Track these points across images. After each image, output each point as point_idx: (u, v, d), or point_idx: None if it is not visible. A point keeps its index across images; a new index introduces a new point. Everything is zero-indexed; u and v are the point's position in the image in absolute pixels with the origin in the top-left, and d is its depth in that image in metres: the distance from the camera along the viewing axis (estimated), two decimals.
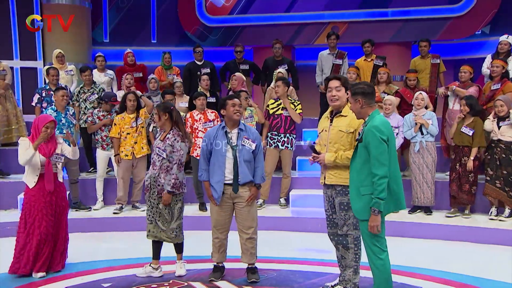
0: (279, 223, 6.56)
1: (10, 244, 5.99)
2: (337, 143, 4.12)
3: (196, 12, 10.98)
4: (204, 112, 6.83)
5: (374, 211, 3.65)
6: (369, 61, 8.02)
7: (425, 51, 7.84)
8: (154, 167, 4.75)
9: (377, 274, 3.80)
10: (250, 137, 4.59)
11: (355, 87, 3.85)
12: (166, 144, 4.70)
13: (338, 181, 4.11)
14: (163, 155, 4.69)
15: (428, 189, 6.61)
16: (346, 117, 4.15)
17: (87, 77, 7.61)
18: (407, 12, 10.11)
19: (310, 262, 5.33)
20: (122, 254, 5.44)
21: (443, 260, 5.41)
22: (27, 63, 9.99)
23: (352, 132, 4.10)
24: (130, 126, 6.72)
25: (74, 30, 10.01)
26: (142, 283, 4.68)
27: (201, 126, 6.75)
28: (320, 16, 10.58)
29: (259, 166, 4.63)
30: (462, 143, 6.39)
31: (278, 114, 6.87)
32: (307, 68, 10.13)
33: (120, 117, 6.77)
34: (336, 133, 4.13)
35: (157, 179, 4.71)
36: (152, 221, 4.77)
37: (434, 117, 6.69)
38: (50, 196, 4.84)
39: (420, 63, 7.87)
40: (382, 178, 3.61)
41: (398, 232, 5.98)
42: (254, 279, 4.67)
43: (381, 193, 3.61)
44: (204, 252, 5.22)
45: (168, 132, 4.78)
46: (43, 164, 4.82)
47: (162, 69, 8.38)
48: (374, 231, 3.68)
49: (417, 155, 6.61)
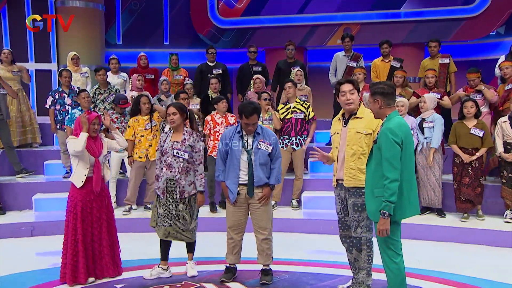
0: (291, 225, 6.55)
1: (26, 244, 6.17)
2: (355, 144, 4.11)
3: (208, 14, 11.03)
4: (225, 115, 6.85)
5: (384, 214, 3.59)
6: (386, 62, 7.97)
7: (434, 51, 7.76)
8: (171, 169, 4.67)
9: (391, 278, 3.76)
10: (267, 140, 4.57)
11: (375, 87, 3.79)
12: (186, 145, 4.68)
13: (356, 183, 4.10)
14: (184, 156, 4.65)
15: (431, 190, 6.55)
16: (362, 119, 4.14)
17: (101, 77, 7.64)
18: (420, 13, 10.05)
19: (322, 264, 5.30)
20: (134, 255, 5.45)
21: (457, 262, 5.35)
22: (41, 65, 10.10)
23: (370, 134, 4.09)
24: (144, 128, 6.74)
25: (88, 32, 10.15)
26: (154, 284, 4.68)
27: (222, 130, 6.73)
28: (332, 17, 10.57)
29: (276, 167, 4.62)
30: (472, 145, 6.32)
31: (288, 118, 6.88)
32: (319, 70, 10.13)
33: (134, 119, 6.79)
34: (353, 135, 4.12)
35: (178, 181, 4.68)
36: (171, 223, 4.71)
37: (438, 120, 6.53)
38: (95, 199, 4.69)
39: (429, 64, 7.78)
40: (393, 181, 3.56)
41: (410, 235, 5.92)
42: (265, 281, 4.66)
43: (391, 197, 3.56)
44: (215, 253, 5.23)
45: (181, 133, 4.75)
46: (92, 164, 4.66)
47: (169, 70, 8.43)
48: (382, 234, 3.64)
49: (421, 156, 6.56)
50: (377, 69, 7.97)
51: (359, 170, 4.08)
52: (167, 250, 4.88)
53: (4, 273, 5.01)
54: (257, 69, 8.34)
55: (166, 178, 4.69)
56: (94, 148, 4.70)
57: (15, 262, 5.41)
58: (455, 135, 6.42)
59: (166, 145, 4.72)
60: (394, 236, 3.71)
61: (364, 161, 4.04)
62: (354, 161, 4.11)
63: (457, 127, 6.45)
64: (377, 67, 7.99)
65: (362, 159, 4.08)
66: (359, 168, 4.08)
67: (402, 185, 3.62)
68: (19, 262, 5.38)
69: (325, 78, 8.58)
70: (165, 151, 4.71)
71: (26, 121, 8.12)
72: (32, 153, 8.07)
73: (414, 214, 3.78)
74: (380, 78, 7.80)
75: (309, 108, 6.92)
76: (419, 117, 6.67)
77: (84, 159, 4.63)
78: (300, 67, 8.20)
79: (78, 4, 10.23)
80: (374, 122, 4.07)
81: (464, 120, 6.40)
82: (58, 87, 7.84)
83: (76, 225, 4.61)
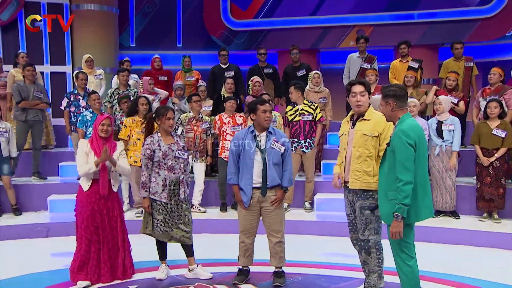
0: (304, 227, 6.53)
1: (41, 244, 6.22)
2: (361, 147, 4.08)
3: (221, 16, 11.06)
4: (233, 115, 6.88)
5: (397, 217, 3.56)
6: (405, 62, 7.90)
7: (460, 53, 7.69)
8: (174, 171, 4.69)
9: (405, 281, 3.73)
10: (279, 140, 4.57)
11: (387, 90, 3.76)
12: (181, 146, 4.76)
13: (362, 185, 4.06)
14: (184, 157, 4.72)
15: (447, 194, 6.50)
16: (370, 121, 4.10)
17: (123, 78, 7.65)
18: (434, 14, 9.96)
19: (336, 266, 5.27)
20: (147, 256, 5.46)
21: (472, 266, 5.30)
22: (57, 68, 10.21)
23: (377, 136, 4.05)
24: (141, 131, 6.44)
25: (102, 35, 10.23)
26: (168, 285, 4.69)
27: (229, 129, 6.81)
28: (345, 19, 10.52)
29: (287, 169, 4.60)
30: (493, 146, 6.26)
31: (296, 120, 6.82)
32: (332, 72, 10.09)
33: (131, 119, 6.59)
34: (360, 137, 4.09)
35: (181, 182, 4.72)
36: (172, 227, 4.71)
37: (457, 123, 6.52)
38: (102, 202, 4.66)
39: (453, 66, 7.70)
40: (407, 184, 3.53)
41: (424, 237, 5.87)
42: (278, 283, 4.65)
43: (405, 199, 3.53)
44: (228, 255, 5.22)
45: (171, 136, 4.77)
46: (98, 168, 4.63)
47: (182, 72, 8.46)
48: (395, 237, 3.61)
49: (437, 159, 6.50)
50: (395, 70, 7.91)
51: (365, 172, 4.03)
52: (164, 250, 4.91)
53: (19, 273, 5.06)
54: (268, 71, 8.33)
55: (170, 181, 4.68)
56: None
57: (31, 262, 5.46)
58: (478, 135, 6.37)
59: (163, 148, 4.67)
60: (408, 238, 3.68)
61: (370, 163, 4.02)
62: (360, 163, 4.06)
63: (480, 127, 6.40)
64: (395, 68, 7.92)
65: (368, 161, 4.04)
66: (365, 170, 4.03)
67: (416, 187, 3.59)
68: (34, 263, 5.43)
69: (338, 80, 8.55)
70: (165, 154, 4.66)
71: None
72: (47, 155, 8.15)
73: (428, 216, 3.74)
74: (398, 79, 7.73)
75: (317, 109, 6.85)
76: (435, 118, 6.62)
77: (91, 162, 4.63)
78: (306, 69, 8.19)
79: (92, 7, 10.32)
80: (381, 125, 4.03)
81: (488, 120, 6.35)
82: (73, 89, 7.91)
83: (83, 226, 4.63)
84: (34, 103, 7.44)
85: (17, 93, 7.36)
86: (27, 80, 7.47)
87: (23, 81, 7.51)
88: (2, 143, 6.72)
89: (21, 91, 7.38)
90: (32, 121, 7.45)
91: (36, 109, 7.48)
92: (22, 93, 7.37)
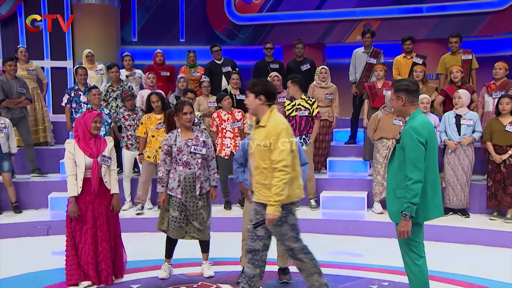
0: (310, 226, 6.40)
1: (42, 243, 6.20)
2: (257, 157, 3.66)
3: (225, 10, 10.96)
4: (232, 112, 6.82)
5: (406, 216, 3.48)
6: (409, 58, 7.75)
7: (455, 47, 7.50)
8: (189, 167, 4.65)
9: (413, 281, 3.65)
10: None
11: (399, 84, 3.66)
12: (200, 141, 4.69)
13: (260, 198, 3.69)
14: (202, 152, 4.66)
15: (461, 192, 6.39)
16: (265, 128, 3.64)
17: (114, 74, 7.61)
18: (443, 7, 9.82)
19: (341, 265, 5.21)
20: (150, 255, 5.42)
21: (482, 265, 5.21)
22: (57, 63, 10.13)
23: (268, 146, 3.58)
24: (155, 128, 6.58)
25: (103, 29, 10.15)
26: (171, 284, 4.65)
27: (229, 126, 6.77)
28: (351, 13, 10.39)
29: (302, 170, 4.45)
30: (506, 143, 6.14)
31: (292, 116, 6.65)
32: (339, 67, 9.96)
33: (147, 116, 6.65)
34: (256, 147, 3.66)
35: (198, 178, 4.66)
36: (187, 223, 4.69)
37: (476, 117, 6.45)
38: (92, 203, 4.55)
39: (450, 60, 7.54)
40: (416, 182, 3.44)
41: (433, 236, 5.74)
42: (286, 280, 4.66)
43: (414, 198, 3.44)
44: (232, 254, 5.16)
45: (191, 131, 4.73)
46: (88, 167, 4.49)
47: (187, 67, 8.35)
48: (404, 236, 3.53)
49: (453, 156, 6.38)
50: (399, 66, 7.76)
51: (263, 185, 3.65)
52: (173, 248, 4.86)
53: (20, 272, 5.03)
54: (274, 66, 8.21)
55: (185, 176, 4.63)
56: (93, 148, 4.54)
57: (31, 261, 5.44)
58: (490, 132, 6.23)
59: (179, 144, 4.66)
60: (417, 237, 3.62)
61: (267, 176, 3.61)
62: (258, 175, 3.68)
63: (492, 124, 6.27)
64: (399, 64, 7.78)
65: (265, 173, 3.63)
66: (263, 183, 3.65)
67: (426, 186, 3.52)
68: (35, 261, 5.41)
69: (344, 75, 8.43)
70: (180, 149, 4.64)
71: (39, 119, 8.13)
72: (47, 152, 8.09)
73: (438, 216, 3.66)
74: (402, 75, 7.61)
75: (314, 104, 6.68)
76: (452, 112, 6.47)
77: (80, 163, 4.49)
78: (310, 63, 8.08)
79: (93, 1, 10.24)
80: (274, 132, 3.58)
81: (500, 116, 6.22)
82: (74, 85, 7.85)
83: (73, 227, 4.57)
84: (16, 101, 7.29)
85: (0, 90, 7.17)
86: (8, 75, 7.28)
87: (5, 77, 7.30)
88: (1, 139, 6.65)
89: (4, 86, 7.21)
90: (18, 118, 7.31)
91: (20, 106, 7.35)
92: (5, 89, 7.19)
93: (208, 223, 4.78)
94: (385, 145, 6.47)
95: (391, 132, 6.39)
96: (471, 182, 6.53)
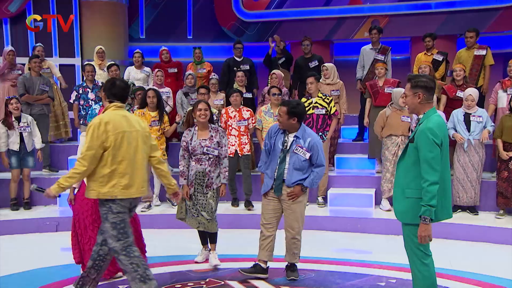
0: (317, 223, 6.42)
1: (51, 239, 6.23)
2: None
3: (232, 7, 10.92)
4: (240, 109, 6.74)
5: (425, 220, 3.36)
6: (429, 55, 7.70)
7: (471, 42, 7.42)
8: (200, 163, 4.88)
9: (421, 280, 3.58)
10: (305, 146, 4.48)
11: (418, 80, 3.51)
12: (214, 142, 4.88)
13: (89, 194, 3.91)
14: (214, 153, 4.88)
15: (471, 189, 6.37)
16: None
17: (113, 73, 7.56)
18: (452, 3, 9.73)
19: (349, 263, 5.20)
20: (159, 251, 5.44)
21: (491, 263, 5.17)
22: (65, 60, 10.17)
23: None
24: (149, 125, 6.45)
25: (111, 27, 10.17)
26: (179, 281, 4.66)
27: (235, 124, 6.66)
28: (359, 9, 10.34)
29: (316, 172, 4.51)
30: None
31: (309, 113, 6.63)
32: (346, 64, 9.90)
33: (140, 112, 6.54)
34: None
35: (208, 174, 4.87)
36: (198, 214, 4.89)
37: (485, 113, 6.41)
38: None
39: (464, 55, 7.48)
40: (433, 184, 3.34)
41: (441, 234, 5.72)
42: (293, 277, 4.65)
43: (432, 200, 3.34)
44: (239, 250, 5.19)
45: (207, 130, 4.92)
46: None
47: (193, 64, 8.34)
48: (424, 241, 3.43)
49: (463, 153, 6.34)
50: (420, 63, 7.69)
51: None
52: (205, 236, 5.09)
53: (29, 268, 5.06)
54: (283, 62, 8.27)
55: (196, 171, 4.88)
56: None
57: (40, 257, 5.46)
58: (501, 129, 6.18)
59: (194, 143, 4.88)
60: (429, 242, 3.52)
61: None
62: None
63: (503, 120, 6.23)
64: (419, 61, 7.69)
65: None
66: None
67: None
68: (44, 257, 5.43)
69: (352, 72, 8.39)
70: (194, 149, 4.87)
71: (59, 115, 8.19)
72: (56, 148, 8.13)
73: (446, 218, 3.59)
74: None
75: (331, 103, 6.68)
76: (461, 110, 6.43)
77: None
78: (319, 60, 8.06)
79: None
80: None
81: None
82: (82, 82, 7.86)
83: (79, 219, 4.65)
84: (36, 98, 7.37)
85: (22, 85, 7.31)
86: (33, 72, 7.44)
87: (29, 73, 7.46)
88: (25, 138, 6.79)
89: (26, 83, 7.33)
90: (37, 114, 7.37)
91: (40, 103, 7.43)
92: (26, 85, 7.31)
93: (215, 215, 4.94)
94: (394, 142, 6.44)
95: (400, 129, 6.37)
96: (482, 180, 6.49)
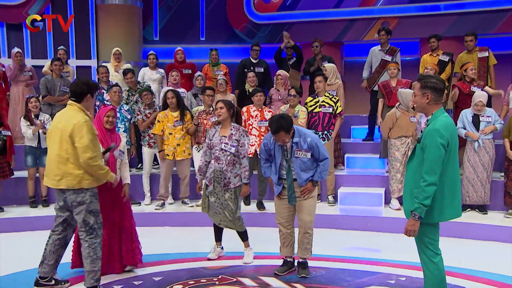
0: (327, 221, 6.48)
1: None
2: None
3: (244, 9, 11.03)
4: (262, 109, 6.73)
5: (415, 216, 3.44)
6: (435, 56, 7.73)
7: (471, 45, 7.46)
8: (218, 161, 4.93)
9: (430, 278, 3.63)
10: (303, 147, 4.54)
11: (427, 81, 3.50)
12: (233, 139, 4.91)
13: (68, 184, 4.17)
14: (230, 150, 4.90)
15: (481, 188, 6.38)
16: None
17: (129, 80, 7.62)
18: (462, 5, 9.74)
19: (359, 261, 5.24)
20: (172, 248, 5.52)
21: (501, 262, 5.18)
22: (82, 62, 10.35)
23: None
24: (172, 125, 6.63)
25: (126, 29, 10.34)
26: (192, 277, 4.72)
27: (255, 124, 6.67)
28: (369, 11, 10.39)
29: (322, 165, 4.59)
30: None
31: (316, 112, 6.73)
32: (356, 65, 9.96)
33: (163, 114, 6.69)
34: None
35: (224, 173, 4.91)
36: (220, 212, 4.97)
37: (493, 113, 6.45)
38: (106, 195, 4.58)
39: (467, 58, 7.49)
40: (430, 185, 3.39)
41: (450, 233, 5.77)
42: (304, 275, 4.69)
43: (426, 200, 3.40)
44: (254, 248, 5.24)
45: (229, 128, 4.97)
46: (106, 159, 4.53)
47: (210, 66, 8.43)
48: (410, 235, 3.51)
49: (473, 153, 6.38)
50: (426, 64, 7.75)
51: None
52: (219, 233, 5.22)
53: None
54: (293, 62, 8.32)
55: (214, 169, 4.93)
56: (109, 141, 4.63)
57: None
58: (509, 129, 6.22)
59: (214, 139, 4.97)
60: (433, 236, 3.59)
61: None
62: None
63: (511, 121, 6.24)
64: (425, 62, 7.73)
65: None
66: None
67: (443, 186, 3.47)
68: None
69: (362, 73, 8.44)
70: (214, 144, 4.96)
71: None
72: None
73: (454, 217, 3.62)
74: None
75: (338, 102, 6.76)
76: (470, 110, 6.47)
77: None
78: (329, 60, 8.10)
79: (117, 1, 10.43)
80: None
81: None
82: (98, 83, 7.98)
83: None
84: (59, 99, 7.57)
85: (44, 87, 7.56)
86: (54, 74, 7.67)
87: (51, 75, 7.66)
88: (41, 135, 6.87)
89: (48, 84, 7.57)
90: None
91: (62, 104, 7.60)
92: (48, 86, 7.56)
93: (237, 215, 5.00)
94: (404, 142, 6.50)
95: (410, 129, 6.42)
96: (491, 179, 6.52)
